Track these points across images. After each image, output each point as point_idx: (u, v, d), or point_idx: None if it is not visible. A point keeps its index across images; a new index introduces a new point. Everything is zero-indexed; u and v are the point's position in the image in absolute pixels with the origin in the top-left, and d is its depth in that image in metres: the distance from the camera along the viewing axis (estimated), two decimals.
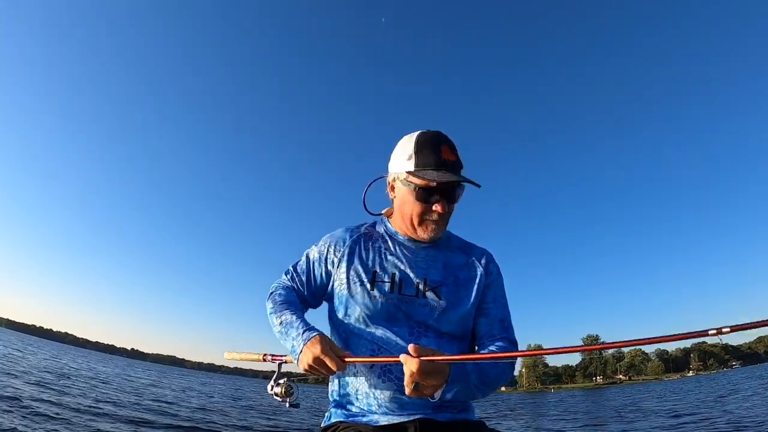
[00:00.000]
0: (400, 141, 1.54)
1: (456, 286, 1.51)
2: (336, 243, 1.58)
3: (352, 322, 1.46)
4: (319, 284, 1.59)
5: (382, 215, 1.69)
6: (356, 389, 1.41)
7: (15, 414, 7.25)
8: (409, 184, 1.46)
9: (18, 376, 13.25)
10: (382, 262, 1.52)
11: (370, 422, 1.36)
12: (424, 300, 1.44)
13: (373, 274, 1.48)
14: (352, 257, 1.53)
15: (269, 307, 1.51)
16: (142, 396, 14.74)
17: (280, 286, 1.60)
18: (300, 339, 1.33)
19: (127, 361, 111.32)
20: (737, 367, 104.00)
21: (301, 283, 1.60)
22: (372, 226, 1.66)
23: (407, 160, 1.47)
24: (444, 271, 1.53)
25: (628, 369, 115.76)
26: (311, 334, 1.33)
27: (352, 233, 1.62)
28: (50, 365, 22.65)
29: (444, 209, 1.45)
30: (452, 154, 1.46)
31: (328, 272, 1.56)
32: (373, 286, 1.45)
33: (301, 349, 1.31)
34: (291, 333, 1.37)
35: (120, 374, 28.38)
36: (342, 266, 1.52)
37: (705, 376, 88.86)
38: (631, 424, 13.09)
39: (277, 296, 1.53)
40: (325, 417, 1.51)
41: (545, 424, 15.18)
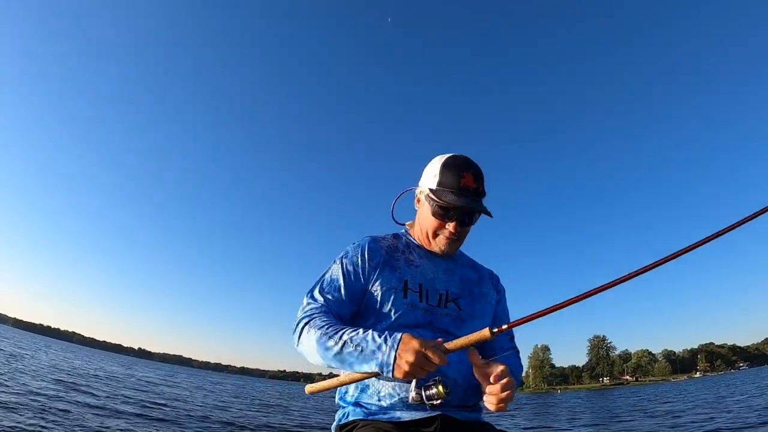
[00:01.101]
0: (433, 159, 1.65)
1: (472, 299, 1.62)
2: (370, 253, 1.59)
3: (370, 324, 1.49)
4: (358, 297, 1.55)
5: (406, 226, 1.81)
6: (378, 387, 1.43)
7: (48, 414, 7.45)
8: (430, 201, 1.58)
9: (42, 378, 13.52)
10: (411, 272, 1.58)
11: (392, 419, 1.38)
12: (446, 310, 1.55)
13: (405, 284, 1.54)
14: (387, 267, 1.57)
15: (314, 335, 1.35)
16: (191, 402, 15.03)
17: (315, 310, 1.45)
18: (386, 346, 1.23)
19: (136, 361, 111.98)
20: (744, 368, 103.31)
21: (338, 301, 1.52)
22: (395, 238, 1.71)
23: (432, 178, 1.59)
24: (461, 285, 1.64)
25: (635, 370, 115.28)
26: (396, 335, 1.25)
27: (381, 243, 1.65)
28: (81, 366, 22.97)
29: (456, 230, 1.57)
30: (474, 182, 1.54)
31: (364, 283, 1.55)
32: (406, 295, 1.51)
33: (395, 355, 1.20)
34: (368, 346, 1.26)
35: (147, 377, 28.62)
36: (378, 276, 1.55)
37: (712, 377, 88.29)
38: (632, 423, 13.25)
39: (318, 321, 1.39)
40: (339, 415, 1.51)
41: (551, 424, 15.32)
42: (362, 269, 1.56)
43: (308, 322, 1.41)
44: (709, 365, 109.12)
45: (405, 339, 1.22)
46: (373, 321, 1.50)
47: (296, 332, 1.43)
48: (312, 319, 1.41)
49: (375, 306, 1.51)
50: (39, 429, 6.08)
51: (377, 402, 1.42)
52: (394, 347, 1.22)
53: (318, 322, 1.39)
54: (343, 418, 1.48)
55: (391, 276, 1.54)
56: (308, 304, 1.49)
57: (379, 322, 1.48)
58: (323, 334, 1.33)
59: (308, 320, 1.41)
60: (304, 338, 1.38)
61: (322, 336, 1.33)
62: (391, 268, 1.57)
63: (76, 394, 11.08)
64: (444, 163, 1.58)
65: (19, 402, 7.93)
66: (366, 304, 1.54)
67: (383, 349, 1.23)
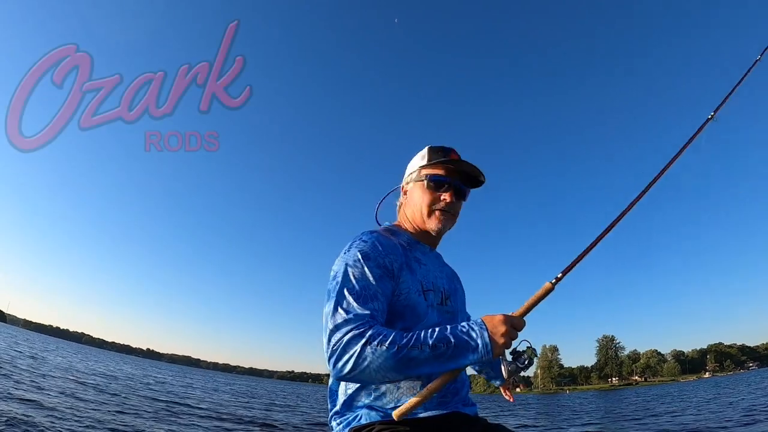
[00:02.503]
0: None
1: (456, 295, 1.66)
2: (391, 253, 1.45)
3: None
4: (390, 299, 1.42)
5: (393, 224, 1.71)
6: (396, 391, 1.40)
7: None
8: (422, 178, 1.59)
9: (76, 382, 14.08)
10: (422, 272, 1.54)
11: (414, 416, 1.36)
12: (446, 307, 1.56)
13: (420, 284, 1.49)
14: (407, 268, 1.48)
15: (385, 352, 1.20)
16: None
17: (366, 325, 1.25)
18: (475, 332, 1.26)
19: (147, 362, 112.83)
20: (754, 368, 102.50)
21: (381, 310, 1.35)
22: (393, 234, 1.61)
23: (420, 160, 1.63)
24: (448, 281, 1.65)
25: (644, 370, 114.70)
26: (472, 321, 1.32)
27: (392, 240, 1.53)
28: (99, 367, 23.50)
29: (452, 199, 1.56)
30: (460, 158, 1.61)
31: (393, 284, 1.42)
32: (426, 296, 1.48)
33: (488, 334, 1.25)
34: (458, 340, 1.24)
35: (169, 379, 29.09)
36: (401, 276, 1.44)
37: (721, 377, 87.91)
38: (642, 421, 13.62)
39: (380, 336, 1.22)
40: (352, 418, 1.43)
41: (559, 424, 15.71)
42: (390, 272, 1.42)
43: (368, 339, 1.21)
44: (719, 365, 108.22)
45: (486, 318, 1.29)
46: (396, 324, 1.42)
47: (347, 355, 1.21)
48: (371, 334, 1.22)
49: (404, 312, 1.43)
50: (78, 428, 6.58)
51: (394, 406, 1.36)
52: (483, 328, 1.26)
53: (382, 336, 1.22)
54: (354, 421, 1.41)
55: (412, 278, 1.48)
56: (349, 321, 1.26)
57: (400, 325, 1.42)
58: (401, 346, 1.20)
59: (367, 338, 1.21)
60: (370, 356, 1.20)
61: (401, 349, 1.20)
62: (409, 268, 1.49)
63: (106, 395, 11.68)
64: (429, 147, 1.64)
65: (54, 403, 8.40)
66: (392, 307, 1.42)
67: (473, 336, 1.24)
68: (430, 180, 1.56)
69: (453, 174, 1.57)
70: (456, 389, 1.47)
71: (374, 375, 1.22)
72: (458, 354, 1.23)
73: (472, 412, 1.51)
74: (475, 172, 1.57)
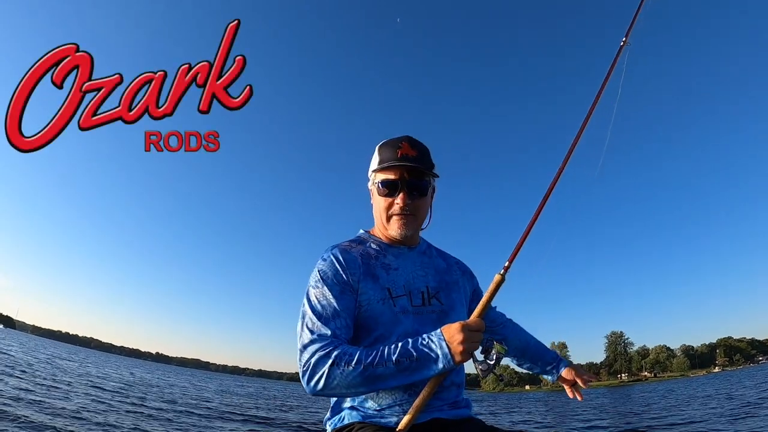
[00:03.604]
0: None
1: (448, 290, 1.59)
2: (348, 265, 1.47)
3: (371, 342, 1.43)
4: (354, 314, 1.44)
5: (366, 231, 1.69)
6: (380, 396, 1.41)
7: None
8: (375, 184, 1.56)
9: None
10: (390, 277, 1.51)
11: (389, 423, 1.37)
12: (431, 307, 1.51)
13: (388, 291, 1.47)
14: (368, 277, 1.48)
15: (352, 371, 1.25)
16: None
17: (329, 346, 1.30)
18: (434, 344, 1.28)
19: (157, 366, 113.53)
20: (764, 362, 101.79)
21: (344, 326, 1.39)
22: (359, 243, 1.61)
23: (373, 161, 1.58)
24: (437, 277, 1.60)
25: (653, 366, 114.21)
26: (433, 332, 1.31)
27: (352, 251, 1.53)
28: (116, 374, 23.66)
29: (405, 201, 1.50)
30: (413, 149, 1.52)
31: (354, 297, 1.44)
32: (395, 303, 1.46)
33: (446, 345, 1.27)
34: (419, 354, 1.28)
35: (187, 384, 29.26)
36: (361, 288, 1.45)
37: (731, 371, 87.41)
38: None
39: (346, 356, 1.28)
40: (335, 421, 1.48)
41: (568, 422, 15.68)
42: (348, 285, 1.44)
43: (335, 360, 1.27)
44: (728, 360, 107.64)
45: (444, 329, 1.30)
46: (364, 335, 1.45)
47: (318, 375, 1.28)
48: (337, 355, 1.28)
49: (367, 322, 1.44)
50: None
51: (376, 409, 1.40)
52: (442, 338, 1.27)
53: (347, 356, 1.27)
54: (338, 422, 1.46)
55: (375, 286, 1.47)
56: (314, 341, 1.32)
57: (368, 336, 1.45)
58: (366, 364, 1.26)
59: (333, 358, 1.27)
60: (338, 377, 1.26)
61: (367, 368, 1.25)
62: (372, 277, 1.48)
63: (134, 401, 11.80)
64: (381, 143, 1.59)
65: (78, 407, 8.52)
66: (356, 320, 1.44)
67: (433, 348, 1.27)
68: (381, 186, 1.53)
69: (403, 174, 1.51)
70: (437, 390, 1.42)
71: (344, 391, 1.30)
72: (421, 366, 1.27)
73: (458, 416, 1.47)
74: (422, 169, 1.52)
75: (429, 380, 1.32)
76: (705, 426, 10.42)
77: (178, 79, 4.38)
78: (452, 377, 1.48)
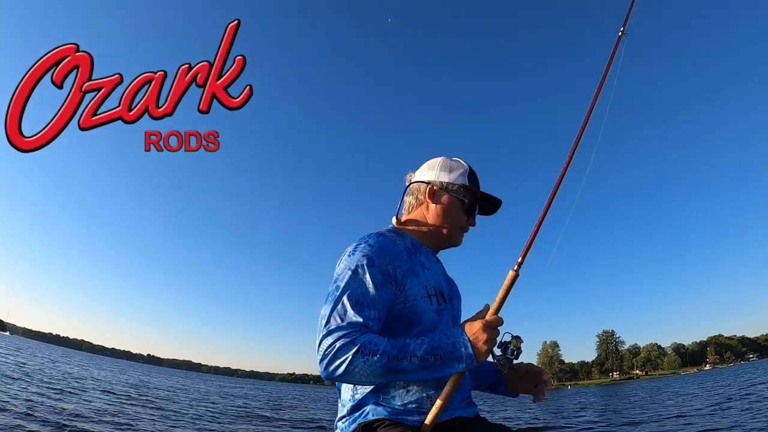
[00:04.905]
0: (443, 158, 1.70)
1: (458, 299, 1.68)
2: (395, 258, 1.44)
3: (409, 338, 1.38)
4: (390, 306, 1.42)
5: (395, 227, 1.68)
6: (405, 388, 1.40)
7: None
8: (462, 197, 1.63)
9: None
10: (425, 275, 1.52)
11: (414, 422, 1.35)
12: (453, 311, 1.59)
13: (426, 290, 1.48)
14: (411, 273, 1.46)
15: (375, 361, 1.24)
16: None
17: (358, 334, 1.28)
18: (459, 342, 1.30)
19: (150, 368, 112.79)
20: (755, 359, 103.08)
21: (377, 318, 1.36)
22: (399, 236, 1.59)
23: (461, 175, 1.65)
24: (449, 285, 1.66)
25: (645, 364, 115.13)
26: (454, 329, 1.35)
27: (397, 244, 1.52)
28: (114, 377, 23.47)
29: (475, 225, 1.69)
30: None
31: (395, 291, 1.42)
32: (431, 301, 1.47)
33: (469, 341, 1.30)
34: (443, 351, 1.29)
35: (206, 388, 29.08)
36: (407, 283, 1.44)
37: (722, 369, 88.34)
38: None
39: (371, 345, 1.26)
40: (359, 414, 1.41)
41: (558, 421, 15.77)
42: (393, 278, 1.41)
43: (360, 348, 1.24)
44: (719, 357, 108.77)
45: (466, 326, 1.33)
46: (401, 330, 1.43)
47: (339, 361, 1.25)
48: (363, 342, 1.25)
49: (410, 318, 1.43)
50: None
51: (402, 404, 1.38)
52: (464, 336, 1.30)
53: (372, 345, 1.25)
54: (360, 417, 1.40)
55: (417, 282, 1.47)
56: (342, 327, 1.28)
57: (406, 332, 1.42)
58: (392, 357, 1.25)
59: (359, 346, 1.24)
60: (361, 365, 1.24)
61: (392, 360, 1.25)
62: (414, 273, 1.48)
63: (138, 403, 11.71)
64: (470, 167, 1.70)
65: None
66: (396, 314, 1.43)
67: (459, 347, 1.28)
68: (471, 204, 1.65)
69: (479, 202, 1.69)
70: (459, 389, 1.44)
71: (362, 380, 1.29)
72: (445, 365, 1.29)
73: (472, 414, 1.50)
74: (495, 209, 1.74)
75: (451, 377, 1.33)
76: (686, 420, 10.54)
77: (178, 79, 4.36)
78: (471, 380, 1.53)
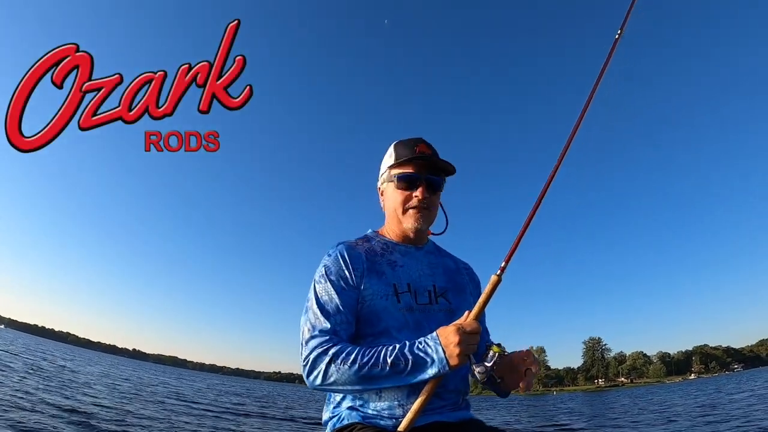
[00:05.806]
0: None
1: (457, 291, 1.61)
2: (352, 261, 1.50)
3: (375, 336, 1.45)
4: (356, 310, 1.48)
5: (374, 231, 1.72)
6: (379, 397, 1.41)
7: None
8: (392, 178, 1.60)
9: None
10: (395, 273, 1.52)
11: (387, 426, 1.36)
12: (438, 306, 1.52)
13: (393, 287, 1.49)
14: (372, 273, 1.50)
15: (348, 369, 1.30)
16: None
17: (329, 342, 1.36)
18: (430, 347, 1.29)
19: (137, 363, 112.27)
20: (739, 370, 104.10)
21: (345, 322, 1.43)
22: (366, 240, 1.64)
23: (388, 158, 1.64)
24: (445, 276, 1.62)
25: (630, 372, 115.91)
26: (429, 335, 1.33)
27: (358, 248, 1.56)
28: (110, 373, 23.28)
29: (424, 195, 1.55)
30: (429, 149, 1.60)
31: (356, 293, 1.47)
32: (398, 299, 1.47)
33: (441, 348, 1.28)
34: (415, 356, 1.29)
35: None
36: (365, 284, 1.48)
37: (707, 378, 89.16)
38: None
39: (343, 353, 1.32)
40: (334, 419, 1.47)
41: (545, 423, 15.87)
42: (350, 280, 1.47)
43: (332, 358, 1.32)
44: (704, 367, 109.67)
45: (440, 332, 1.30)
46: (366, 330, 1.47)
47: (316, 371, 1.33)
48: (334, 352, 1.32)
49: (370, 317, 1.46)
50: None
51: (375, 410, 1.40)
52: (438, 342, 1.28)
53: (344, 354, 1.32)
54: (337, 422, 1.45)
55: (378, 282, 1.48)
56: (314, 337, 1.38)
57: (370, 332, 1.46)
58: (362, 364, 1.29)
59: (330, 356, 1.32)
60: (335, 374, 1.31)
61: (362, 367, 1.29)
62: (376, 273, 1.50)
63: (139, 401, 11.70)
64: (395, 143, 1.65)
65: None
66: (359, 314, 1.47)
67: (429, 352, 1.28)
68: (399, 179, 1.57)
69: (422, 168, 1.57)
70: (438, 393, 1.39)
71: (342, 389, 1.34)
72: (417, 370, 1.29)
73: (459, 418, 1.46)
74: (444, 166, 1.58)
75: (429, 382, 1.32)
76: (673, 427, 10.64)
77: (178, 79, 4.33)
78: (457, 385, 1.47)
